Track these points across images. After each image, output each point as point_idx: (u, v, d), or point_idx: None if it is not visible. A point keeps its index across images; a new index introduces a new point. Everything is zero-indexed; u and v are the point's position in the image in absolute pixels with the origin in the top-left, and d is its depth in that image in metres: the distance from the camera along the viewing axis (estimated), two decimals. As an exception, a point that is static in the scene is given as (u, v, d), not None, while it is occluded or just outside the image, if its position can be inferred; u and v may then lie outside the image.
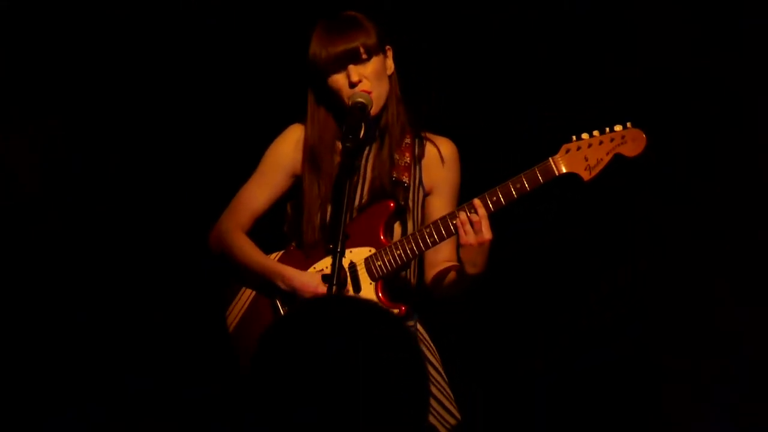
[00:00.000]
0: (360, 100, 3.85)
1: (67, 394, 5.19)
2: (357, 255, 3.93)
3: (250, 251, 4.07)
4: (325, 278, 3.85)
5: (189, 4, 5.18)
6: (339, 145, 3.98)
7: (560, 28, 5.11)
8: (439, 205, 4.02)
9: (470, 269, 3.83)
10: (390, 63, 4.02)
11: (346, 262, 3.93)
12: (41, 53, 5.17)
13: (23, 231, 5.19)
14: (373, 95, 3.91)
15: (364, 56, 3.93)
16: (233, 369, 4.04)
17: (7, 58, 5.16)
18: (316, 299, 2.37)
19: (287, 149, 4.08)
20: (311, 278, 3.95)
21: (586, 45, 5.10)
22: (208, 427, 5.12)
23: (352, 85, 3.90)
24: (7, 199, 5.20)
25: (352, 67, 3.92)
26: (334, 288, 3.54)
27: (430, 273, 4.03)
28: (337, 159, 4.00)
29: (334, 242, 3.59)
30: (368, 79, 3.91)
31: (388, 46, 4.01)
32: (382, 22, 4.04)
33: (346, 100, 3.90)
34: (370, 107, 3.87)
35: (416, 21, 5.14)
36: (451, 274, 3.95)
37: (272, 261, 4.06)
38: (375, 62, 3.94)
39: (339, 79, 3.93)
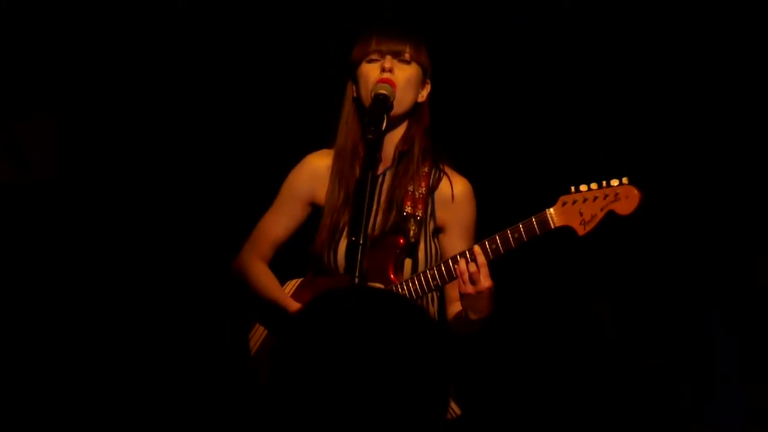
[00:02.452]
0: (382, 91, 3.84)
1: (66, 393, 5.17)
2: None
3: (265, 284, 4.10)
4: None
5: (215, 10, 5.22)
6: (361, 152, 3.97)
7: (559, 28, 5.14)
8: (450, 245, 4.00)
9: (472, 315, 3.83)
10: (425, 93, 4.01)
11: None
12: (56, 48, 5.18)
13: (31, 228, 5.18)
14: (397, 94, 3.90)
15: (407, 57, 3.94)
16: (254, 391, 4.08)
17: (18, 51, 5.16)
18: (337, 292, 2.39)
19: (302, 179, 4.10)
20: None
21: (583, 45, 5.14)
22: (209, 427, 5.12)
23: (383, 71, 3.91)
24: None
25: (389, 57, 3.92)
26: (356, 280, 3.55)
27: (449, 309, 4.02)
28: (358, 168, 3.98)
29: (356, 235, 3.59)
30: (400, 78, 3.92)
31: (429, 80, 4.02)
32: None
33: (370, 92, 3.89)
34: (392, 99, 3.87)
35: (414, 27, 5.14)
36: (461, 317, 3.92)
37: (285, 296, 4.07)
38: (413, 70, 3.95)
39: (371, 69, 3.93)
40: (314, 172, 4.08)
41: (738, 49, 4.96)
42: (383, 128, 3.80)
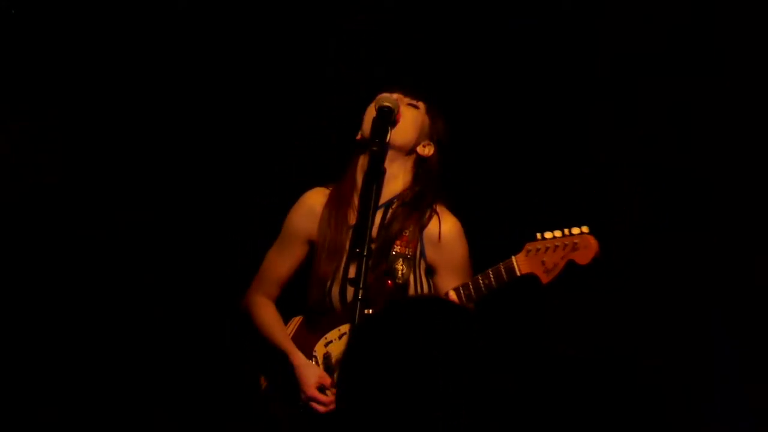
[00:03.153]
0: (386, 103, 3.87)
1: (66, 393, 5.17)
2: None
3: (269, 326, 4.19)
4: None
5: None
6: (356, 201, 3.99)
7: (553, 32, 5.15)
8: (442, 285, 4.03)
9: None
10: (428, 150, 4.01)
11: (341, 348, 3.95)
12: (56, 48, 5.18)
13: (39, 230, 5.19)
14: (401, 123, 3.93)
15: (417, 102, 3.97)
16: (270, 425, 4.12)
17: (19, 51, 5.16)
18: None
19: (300, 217, 4.16)
20: (311, 374, 4.05)
21: (583, 45, 5.13)
22: (209, 427, 5.12)
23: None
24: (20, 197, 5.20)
25: (401, 96, 3.95)
26: (360, 292, 3.55)
27: None
28: (353, 214, 4.01)
29: (360, 246, 3.60)
30: (406, 113, 3.95)
31: (432, 142, 4.02)
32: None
33: (374, 106, 3.91)
34: (395, 114, 3.87)
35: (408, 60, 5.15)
36: None
37: (286, 339, 4.14)
38: (421, 116, 3.99)
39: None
40: (311, 210, 4.13)
41: (738, 49, 4.96)
42: (387, 140, 3.81)
